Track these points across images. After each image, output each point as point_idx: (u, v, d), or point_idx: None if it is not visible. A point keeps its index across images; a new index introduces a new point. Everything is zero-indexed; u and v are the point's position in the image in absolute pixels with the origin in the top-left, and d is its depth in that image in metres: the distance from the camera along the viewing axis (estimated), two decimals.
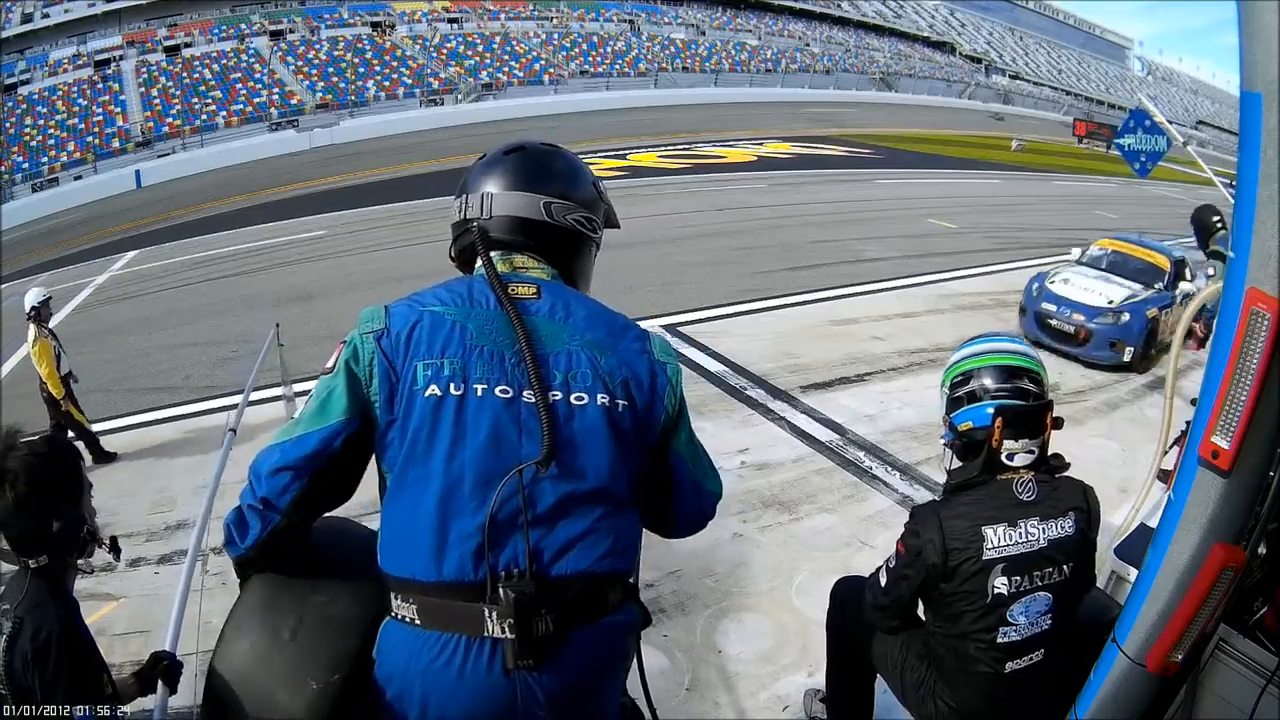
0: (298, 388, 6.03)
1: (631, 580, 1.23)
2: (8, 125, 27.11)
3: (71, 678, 1.41)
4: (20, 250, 16.86)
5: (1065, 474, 1.80)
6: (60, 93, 30.05)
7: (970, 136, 32.02)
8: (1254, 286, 1.17)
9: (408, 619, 1.11)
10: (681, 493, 1.29)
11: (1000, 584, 1.66)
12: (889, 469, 4.86)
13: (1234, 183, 1.25)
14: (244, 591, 1.25)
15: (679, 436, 1.27)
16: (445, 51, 38.14)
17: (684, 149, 22.83)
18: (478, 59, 38.14)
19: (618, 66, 40.85)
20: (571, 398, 1.13)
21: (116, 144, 27.82)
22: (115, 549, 1.69)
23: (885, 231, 12.46)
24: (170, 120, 29.18)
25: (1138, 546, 2.19)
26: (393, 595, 1.13)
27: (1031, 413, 1.73)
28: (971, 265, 10.22)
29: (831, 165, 21.52)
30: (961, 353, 1.88)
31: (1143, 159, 6.37)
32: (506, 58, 38.91)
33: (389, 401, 1.12)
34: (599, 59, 41.06)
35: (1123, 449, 5.10)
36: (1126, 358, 6.56)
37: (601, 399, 1.15)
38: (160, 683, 1.72)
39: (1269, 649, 1.57)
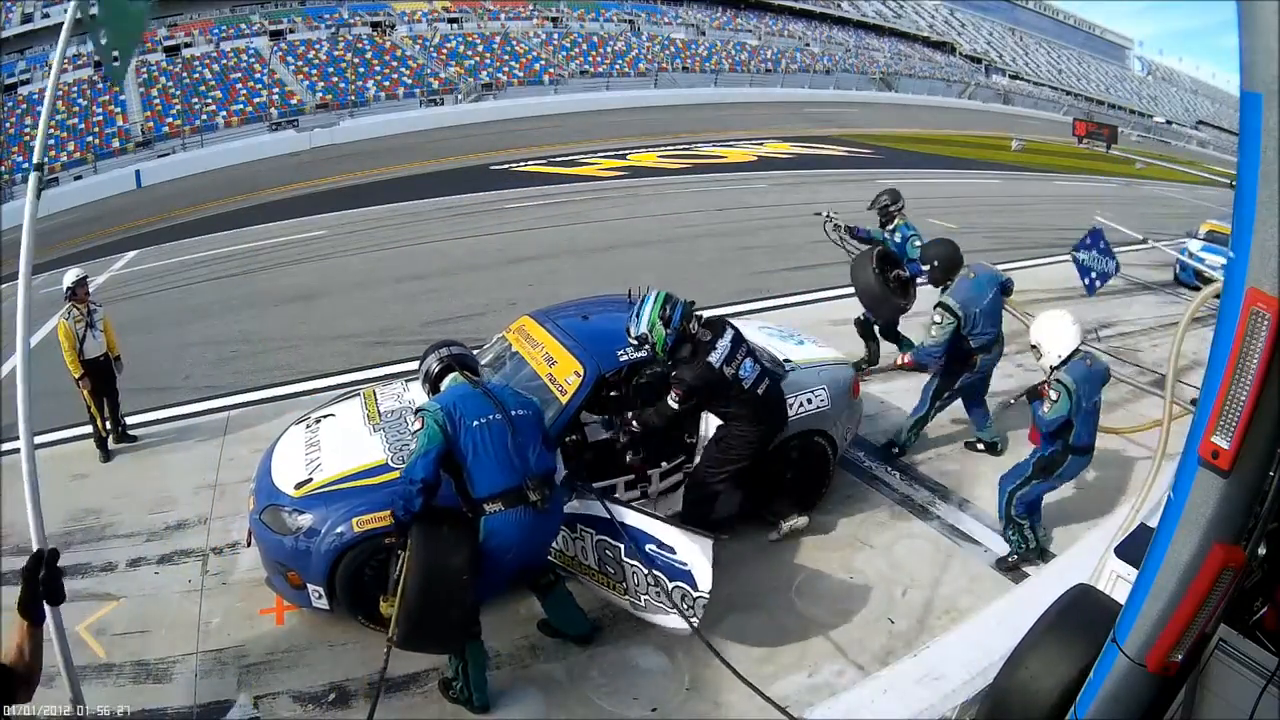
0: (304, 385, 6.05)
1: None
2: (8, 125, 27.12)
3: None
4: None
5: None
6: (60, 93, 30.05)
7: (970, 136, 31.97)
8: (1254, 287, 1.17)
9: (496, 510, 2.85)
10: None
11: (728, 371, 3.63)
12: (889, 469, 4.86)
13: (1233, 183, 1.25)
14: (415, 529, 2.78)
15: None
16: (445, 51, 38.13)
17: (684, 149, 22.81)
18: (478, 59, 38.12)
19: (618, 66, 40.83)
20: (515, 413, 2.99)
21: (116, 144, 27.81)
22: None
23: None
24: (170, 120, 29.17)
25: (1138, 546, 2.19)
26: (485, 504, 2.85)
27: (688, 309, 3.65)
28: None
29: (831, 165, 21.48)
30: (648, 306, 3.62)
31: (1093, 276, 6.45)
32: (506, 58, 38.88)
33: (455, 430, 2.86)
34: (599, 59, 41.04)
35: (1122, 449, 5.09)
36: (316, 602, 3.39)
37: (525, 412, 3.04)
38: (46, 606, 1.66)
39: (1269, 649, 1.57)
